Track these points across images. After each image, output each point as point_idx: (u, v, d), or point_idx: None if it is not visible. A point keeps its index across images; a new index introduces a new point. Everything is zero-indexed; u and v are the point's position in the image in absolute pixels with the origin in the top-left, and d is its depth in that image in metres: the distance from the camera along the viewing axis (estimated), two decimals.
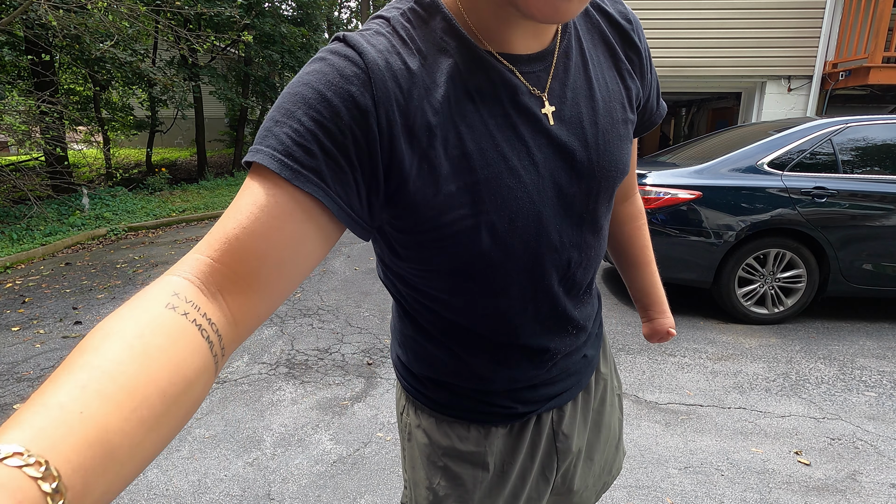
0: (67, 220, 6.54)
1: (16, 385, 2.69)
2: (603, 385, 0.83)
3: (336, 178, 0.46)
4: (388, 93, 0.47)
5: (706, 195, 3.36)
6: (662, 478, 1.95)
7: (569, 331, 0.69)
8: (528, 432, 0.72)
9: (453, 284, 0.60)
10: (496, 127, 0.52)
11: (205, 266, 0.43)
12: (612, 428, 0.86)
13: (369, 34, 0.50)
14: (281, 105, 0.47)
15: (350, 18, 20.95)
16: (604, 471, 0.86)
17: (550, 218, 0.57)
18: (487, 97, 0.52)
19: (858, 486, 1.90)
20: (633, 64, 0.64)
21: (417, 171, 0.50)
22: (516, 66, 0.53)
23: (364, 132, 0.46)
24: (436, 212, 0.52)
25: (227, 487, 1.91)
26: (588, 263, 0.66)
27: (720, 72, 6.53)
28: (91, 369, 0.31)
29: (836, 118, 3.46)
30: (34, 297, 4.09)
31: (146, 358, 0.33)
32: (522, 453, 0.73)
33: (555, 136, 0.55)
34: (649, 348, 3.10)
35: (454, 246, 0.55)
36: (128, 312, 0.37)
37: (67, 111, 7.52)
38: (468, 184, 0.51)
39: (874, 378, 2.72)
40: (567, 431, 0.76)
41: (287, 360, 2.95)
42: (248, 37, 7.53)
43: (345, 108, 0.45)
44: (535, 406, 0.71)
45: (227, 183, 10.25)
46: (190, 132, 14.11)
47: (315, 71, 0.47)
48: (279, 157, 0.44)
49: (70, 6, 5.58)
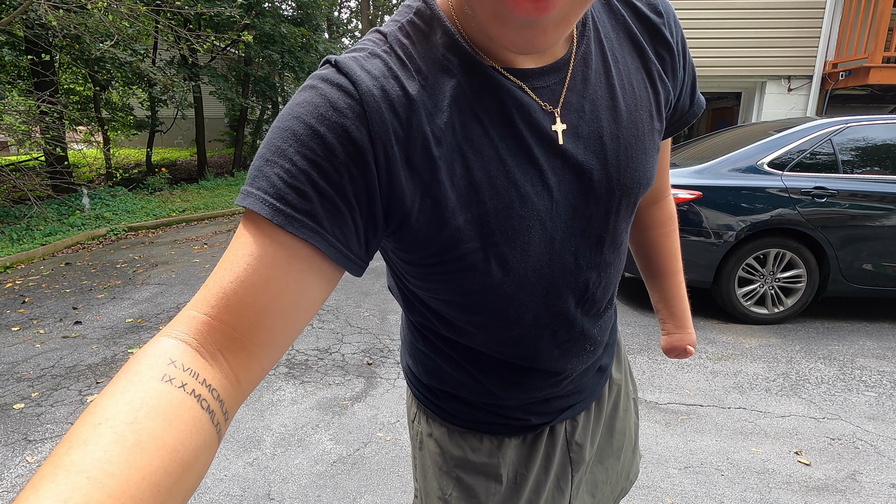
0: (67, 220, 6.54)
1: (16, 385, 2.69)
2: (616, 391, 0.80)
3: (333, 220, 0.42)
4: (386, 125, 0.43)
5: (706, 195, 3.36)
6: (662, 478, 1.95)
7: (587, 349, 0.65)
8: (541, 443, 0.70)
9: (464, 315, 0.57)
10: (507, 151, 0.48)
11: (201, 325, 0.40)
12: (627, 433, 0.83)
13: (363, 56, 0.45)
14: (271, 142, 0.43)
15: (350, 18, 20.94)
16: (620, 476, 0.83)
17: (565, 242, 0.53)
18: (497, 119, 0.47)
19: (858, 486, 1.90)
20: (663, 62, 0.57)
21: (420, 206, 0.46)
22: (526, 81, 0.48)
23: (361, 170, 0.42)
24: (442, 247, 0.48)
25: (227, 487, 1.91)
26: (608, 282, 0.62)
27: (720, 72, 6.53)
28: (76, 475, 0.29)
29: (836, 118, 3.46)
30: (34, 297, 4.09)
31: (139, 450, 0.31)
32: (537, 465, 0.70)
33: (570, 157, 0.50)
34: (649, 348, 3.10)
35: (463, 280, 0.52)
36: (120, 391, 0.34)
37: (67, 111, 7.52)
38: (476, 216, 0.48)
39: (874, 378, 2.72)
40: (580, 441, 0.73)
41: (287, 360, 2.95)
42: (248, 37, 7.52)
43: (339, 144, 0.42)
44: (548, 418, 0.69)
45: (227, 183, 10.25)
46: (190, 132, 14.11)
47: (306, 102, 0.43)
48: (271, 202, 0.41)
49: (70, 6, 5.58)
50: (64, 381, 2.73)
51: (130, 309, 3.80)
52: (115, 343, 3.21)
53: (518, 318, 0.56)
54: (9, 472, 2.01)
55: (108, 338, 3.30)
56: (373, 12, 19.39)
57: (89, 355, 3.04)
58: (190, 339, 0.39)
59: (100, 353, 3.06)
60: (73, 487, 0.28)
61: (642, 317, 3.62)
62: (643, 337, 3.27)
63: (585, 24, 0.52)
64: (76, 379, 2.75)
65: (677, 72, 0.59)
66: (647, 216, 0.79)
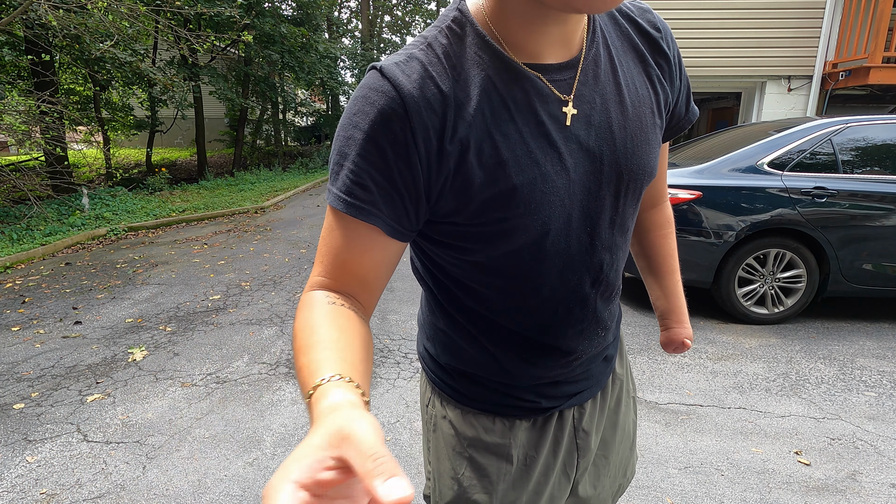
0: (67, 220, 6.54)
1: (16, 385, 2.69)
2: (619, 385, 0.84)
3: (388, 206, 0.55)
4: (425, 122, 0.53)
5: (706, 195, 3.36)
6: (662, 478, 1.95)
7: (598, 333, 0.70)
8: (550, 427, 0.74)
9: (486, 278, 0.64)
10: (530, 135, 0.55)
11: (327, 285, 0.58)
12: (627, 429, 0.86)
13: (404, 61, 0.54)
14: (339, 147, 0.55)
15: (350, 18, 20.93)
16: (618, 472, 0.86)
17: (582, 221, 0.60)
18: (521, 106, 0.55)
19: (858, 486, 1.90)
20: (662, 70, 0.65)
21: (451, 184, 0.55)
22: (546, 74, 0.56)
23: (407, 164, 0.53)
24: (471, 217, 0.57)
25: (227, 487, 1.91)
26: (619, 265, 0.68)
27: (720, 72, 6.53)
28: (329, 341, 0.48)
29: (836, 118, 3.46)
30: (34, 297, 4.09)
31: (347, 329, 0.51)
32: (546, 448, 0.75)
33: (584, 142, 0.58)
34: (649, 348, 3.10)
35: (488, 247, 0.60)
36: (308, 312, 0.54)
37: (67, 111, 7.52)
38: (503, 190, 0.55)
39: (874, 378, 2.72)
40: (587, 428, 0.77)
41: (287, 360, 2.95)
42: (248, 37, 7.53)
43: (389, 146, 0.52)
44: (557, 402, 0.73)
45: (227, 183, 10.24)
46: (190, 132, 14.11)
47: (361, 112, 0.54)
48: (344, 199, 0.55)
49: (70, 6, 5.58)
50: (64, 381, 2.73)
51: (130, 309, 3.80)
52: (115, 343, 3.21)
53: (536, 288, 0.63)
54: (9, 472, 2.01)
55: (108, 338, 3.30)
56: (373, 12, 19.38)
57: (89, 355, 3.04)
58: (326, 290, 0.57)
59: (100, 353, 3.06)
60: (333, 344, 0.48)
61: (642, 317, 3.62)
62: (643, 337, 3.27)
63: (595, 32, 0.60)
64: (76, 379, 2.75)
65: (674, 80, 0.68)
66: (648, 219, 0.85)
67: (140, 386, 2.67)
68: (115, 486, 1.91)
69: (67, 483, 1.94)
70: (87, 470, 2.01)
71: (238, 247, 5.72)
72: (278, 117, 15.76)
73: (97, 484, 1.93)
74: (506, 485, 0.74)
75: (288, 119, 16.41)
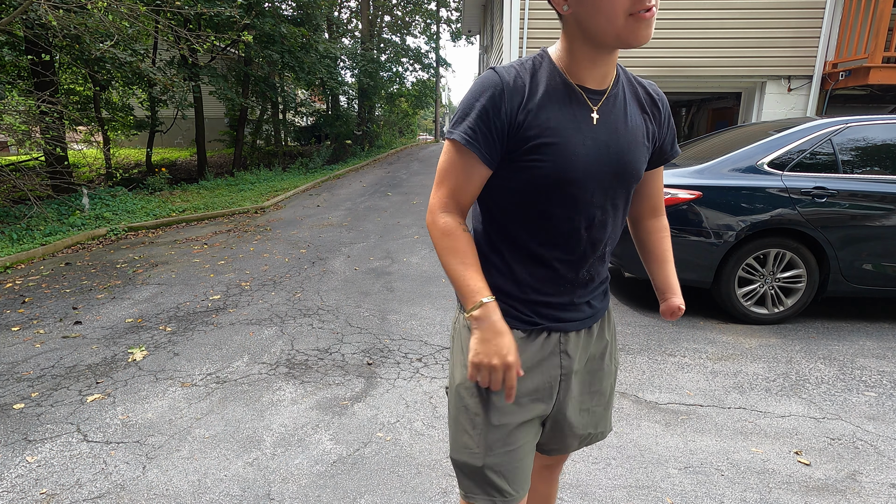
0: (67, 220, 6.54)
1: (16, 385, 2.69)
2: (604, 345, 1.10)
3: (487, 144, 0.91)
4: (513, 99, 0.90)
5: (706, 195, 3.36)
6: (662, 478, 1.95)
7: (585, 273, 1.01)
8: (540, 341, 1.01)
9: (517, 199, 0.95)
10: (570, 120, 0.91)
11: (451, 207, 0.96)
12: (604, 386, 1.12)
13: (506, 67, 0.92)
14: (463, 106, 0.93)
15: (350, 18, 20.92)
16: (590, 421, 1.11)
17: (589, 181, 0.92)
18: (567, 104, 0.92)
19: (858, 486, 1.90)
20: (654, 118, 1.02)
21: (523, 133, 0.90)
22: (586, 93, 0.93)
23: (500, 122, 0.90)
24: (525, 153, 0.91)
25: (227, 487, 1.91)
26: (604, 228, 0.98)
27: (720, 72, 6.53)
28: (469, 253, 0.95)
29: (836, 118, 3.46)
30: (34, 297, 4.09)
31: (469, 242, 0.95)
32: (537, 358, 1.00)
33: (601, 132, 0.93)
34: (649, 348, 3.10)
35: (527, 177, 0.92)
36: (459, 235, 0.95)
37: (67, 111, 7.51)
38: (548, 143, 0.90)
39: (874, 378, 2.72)
40: (571, 353, 1.03)
41: (287, 360, 2.95)
42: (248, 37, 7.52)
43: (492, 108, 0.90)
44: (546, 322, 1.00)
45: (227, 183, 10.24)
46: (190, 132, 14.11)
47: (481, 85, 0.91)
48: (463, 136, 0.91)
49: (70, 6, 5.57)
50: (64, 381, 2.73)
51: (130, 309, 3.80)
52: (115, 343, 3.21)
53: (549, 213, 0.94)
54: (9, 472, 2.01)
55: (108, 338, 3.30)
56: (373, 12, 19.37)
57: (89, 355, 3.04)
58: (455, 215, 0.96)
59: (100, 353, 3.06)
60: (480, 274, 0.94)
61: (642, 317, 3.62)
62: (643, 337, 3.28)
63: (618, 80, 0.97)
64: (76, 379, 2.75)
65: (662, 126, 1.05)
66: (650, 225, 1.17)
67: (140, 386, 2.67)
68: (115, 486, 1.91)
69: (67, 483, 1.94)
70: (87, 470, 2.01)
71: (238, 247, 5.72)
72: (278, 117, 15.76)
73: (97, 484, 1.93)
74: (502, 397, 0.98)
75: (288, 119, 16.41)
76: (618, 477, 1.95)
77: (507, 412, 0.98)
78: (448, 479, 1.93)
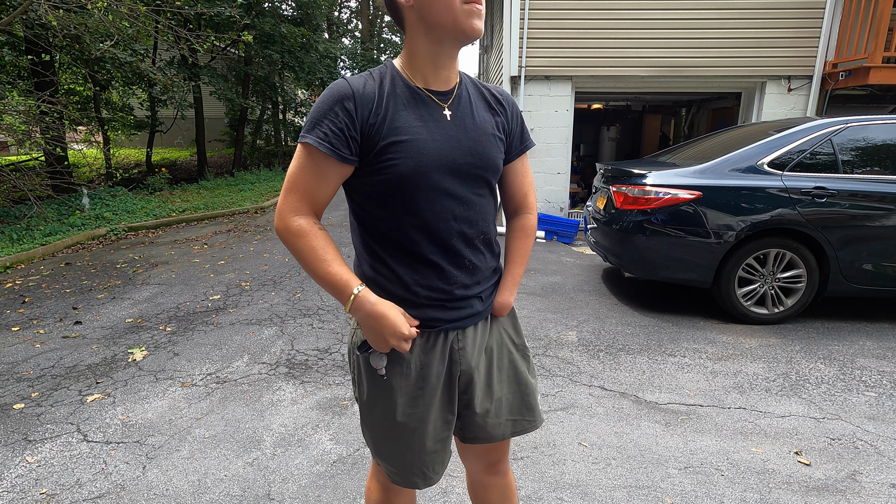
0: (67, 220, 6.54)
1: (16, 385, 2.69)
2: (503, 335, 1.16)
3: (341, 146, 0.95)
4: (363, 104, 0.95)
5: (706, 195, 3.36)
6: (662, 478, 1.95)
7: (465, 265, 1.05)
8: (438, 342, 1.06)
9: (382, 202, 1.00)
10: (418, 118, 0.98)
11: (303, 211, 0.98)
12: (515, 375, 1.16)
13: (356, 77, 0.98)
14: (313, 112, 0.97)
15: (350, 18, 20.91)
16: (506, 409, 1.15)
17: (446, 174, 0.98)
18: (414, 106, 0.99)
19: (858, 486, 1.90)
20: (501, 113, 1.09)
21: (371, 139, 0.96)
22: (433, 94, 1.01)
23: (352, 125, 0.95)
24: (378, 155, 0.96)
25: (227, 487, 1.91)
26: (470, 222, 1.04)
27: (720, 72, 6.52)
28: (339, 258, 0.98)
29: (836, 118, 3.46)
30: (34, 297, 4.09)
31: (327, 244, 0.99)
32: (436, 357, 1.06)
33: (451, 128, 1.00)
34: (649, 348, 3.10)
35: (385, 177, 0.96)
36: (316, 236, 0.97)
37: (67, 111, 7.51)
38: (399, 142, 0.95)
39: (874, 378, 2.72)
40: (468, 349, 1.09)
41: (287, 360, 2.95)
42: (248, 37, 7.51)
43: (342, 112, 0.95)
44: (440, 324, 1.05)
45: (227, 183, 10.24)
46: (190, 132, 14.10)
47: (330, 92, 0.96)
48: (316, 140, 0.94)
49: (70, 6, 5.57)
50: (64, 381, 2.73)
51: (130, 309, 3.80)
52: (115, 343, 3.21)
53: (414, 210, 0.98)
54: (9, 472, 2.01)
55: (108, 338, 3.30)
56: (373, 12, 19.36)
57: (89, 355, 3.04)
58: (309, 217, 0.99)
59: (100, 353, 3.06)
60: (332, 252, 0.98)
61: (642, 317, 3.62)
62: (643, 337, 3.27)
63: (462, 82, 1.05)
64: (76, 379, 2.75)
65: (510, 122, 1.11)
66: (512, 223, 1.20)
67: (140, 386, 2.67)
68: (115, 486, 1.91)
69: (67, 483, 1.94)
70: (87, 470, 2.01)
71: (238, 247, 5.71)
72: (278, 117, 15.76)
73: (97, 484, 1.93)
74: (407, 388, 1.05)
75: (288, 119, 16.40)
76: (618, 477, 1.95)
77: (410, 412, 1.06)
78: (448, 479, 1.93)
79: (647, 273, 3.63)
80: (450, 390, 1.09)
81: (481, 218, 1.05)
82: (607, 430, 2.26)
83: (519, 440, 2.17)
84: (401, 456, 1.10)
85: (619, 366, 2.87)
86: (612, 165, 4.20)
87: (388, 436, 1.09)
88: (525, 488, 1.89)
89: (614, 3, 6.26)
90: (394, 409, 1.06)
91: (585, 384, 2.67)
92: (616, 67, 6.40)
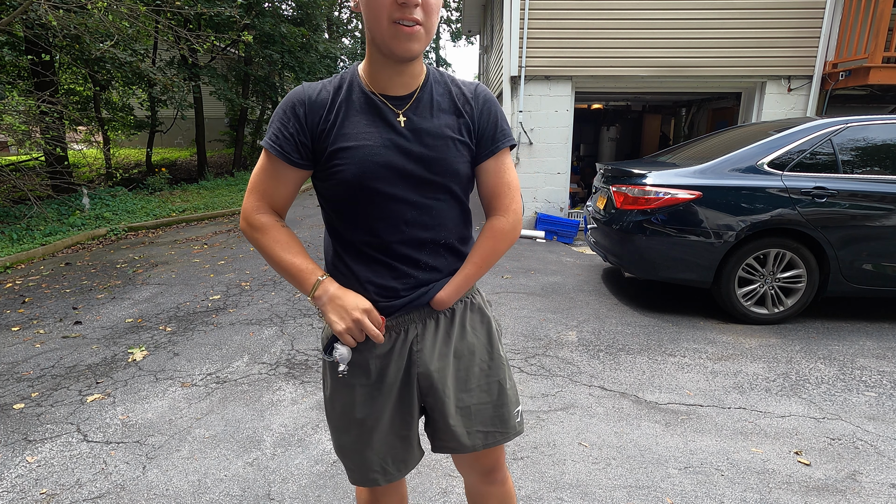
0: (67, 220, 6.54)
1: (16, 385, 2.69)
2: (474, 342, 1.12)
3: (294, 150, 0.99)
4: (314, 110, 0.99)
5: (706, 195, 3.36)
6: (662, 478, 1.95)
7: (421, 266, 1.04)
8: (397, 343, 1.07)
9: (337, 204, 1.02)
10: (368, 125, 0.98)
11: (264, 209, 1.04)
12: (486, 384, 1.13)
13: (313, 83, 1.02)
14: (274, 117, 1.01)
15: (350, 18, 20.90)
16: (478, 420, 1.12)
17: (396, 180, 0.98)
18: (367, 112, 0.99)
19: (858, 486, 1.90)
20: (465, 114, 1.04)
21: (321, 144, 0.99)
22: (389, 101, 1.00)
23: (303, 129, 0.99)
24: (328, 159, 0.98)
25: (227, 487, 1.91)
26: (425, 227, 1.02)
27: (720, 72, 6.52)
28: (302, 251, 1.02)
29: (836, 118, 3.46)
30: (34, 297, 4.09)
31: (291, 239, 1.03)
32: (394, 358, 1.06)
33: (404, 134, 0.98)
34: (649, 348, 3.10)
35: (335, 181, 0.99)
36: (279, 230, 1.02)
37: (67, 111, 7.51)
38: (346, 148, 0.97)
39: (874, 378, 2.72)
40: (421, 350, 1.07)
41: (287, 360, 2.95)
42: (248, 37, 7.52)
43: (293, 117, 0.99)
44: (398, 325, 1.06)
45: (227, 183, 10.23)
46: (190, 132, 14.11)
47: (287, 99, 1.00)
48: (271, 144, 1.00)
49: (70, 6, 5.57)
50: (64, 381, 2.73)
51: (130, 309, 3.80)
52: (115, 343, 3.21)
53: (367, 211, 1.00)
54: (9, 472, 2.01)
55: (108, 338, 3.30)
56: None
57: (89, 355, 3.04)
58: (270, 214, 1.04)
59: (100, 353, 3.06)
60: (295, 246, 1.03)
61: (642, 317, 3.62)
62: (643, 337, 3.27)
63: (427, 82, 1.03)
64: (76, 379, 2.75)
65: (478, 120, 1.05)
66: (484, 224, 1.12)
67: (140, 386, 2.67)
68: (115, 486, 1.91)
69: (67, 483, 1.94)
70: (87, 470, 2.01)
71: (238, 247, 5.71)
72: None
73: (97, 484, 1.93)
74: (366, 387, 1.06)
75: None
76: (618, 477, 1.95)
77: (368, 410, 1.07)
78: (448, 478, 1.93)
79: (647, 273, 3.63)
80: (408, 389, 1.08)
81: (439, 223, 1.03)
82: (607, 430, 2.26)
83: (519, 440, 2.17)
84: (359, 453, 1.10)
85: (619, 366, 2.87)
86: (612, 165, 4.20)
87: (347, 431, 1.10)
88: (525, 488, 1.89)
89: (614, 3, 6.26)
90: (352, 405, 1.07)
91: (585, 384, 2.67)
92: (616, 67, 6.39)
